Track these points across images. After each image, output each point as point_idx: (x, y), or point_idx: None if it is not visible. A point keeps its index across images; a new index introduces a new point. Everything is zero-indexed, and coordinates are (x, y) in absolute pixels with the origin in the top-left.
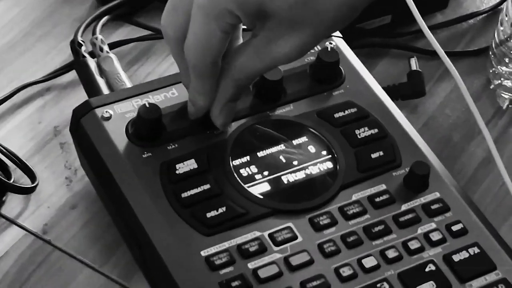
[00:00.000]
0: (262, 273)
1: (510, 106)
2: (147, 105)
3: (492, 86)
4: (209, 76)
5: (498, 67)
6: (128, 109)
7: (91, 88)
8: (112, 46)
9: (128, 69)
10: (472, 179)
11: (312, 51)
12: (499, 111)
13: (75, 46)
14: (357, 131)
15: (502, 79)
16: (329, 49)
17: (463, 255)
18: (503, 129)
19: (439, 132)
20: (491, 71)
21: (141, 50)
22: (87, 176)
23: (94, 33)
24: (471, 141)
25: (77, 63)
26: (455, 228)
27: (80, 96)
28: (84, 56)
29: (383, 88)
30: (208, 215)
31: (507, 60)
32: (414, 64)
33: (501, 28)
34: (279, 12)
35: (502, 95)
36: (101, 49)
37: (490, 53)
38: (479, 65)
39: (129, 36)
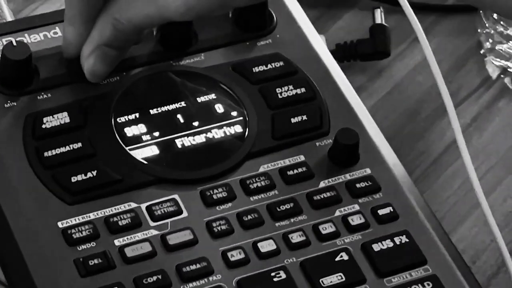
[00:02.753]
0: (130, 252)
1: (501, 76)
2: (14, 44)
3: (482, 51)
4: (81, 1)
5: (491, 27)
6: None
7: None
8: None
9: (24, 7)
10: (436, 163)
11: None
12: (487, 81)
13: None
14: (278, 90)
15: (494, 42)
16: None
17: (386, 244)
18: (487, 103)
19: (404, 103)
20: (484, 32)
21: None
22: None
23: None
24: (443, 118)
25: None
26: (382, 212)
27: None
28: None
29: (338, 45)
30: (74, 179)
31: (502, 20)
32: (378, 16)
33: None
34: None
35: (493, 62)
36: None
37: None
38: (471, 24)
39: None
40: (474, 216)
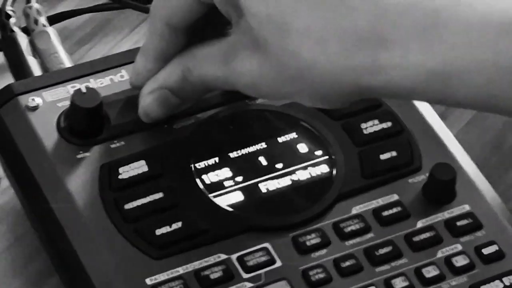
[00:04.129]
0: None
1: None
2: (84, 91)
3: None
4: (160, 38)
5: None
6: (61, 97)
7: (19, 70)
8: (56, 18)
9: (77, 49)
10: None
11: None
12: None
13: (1, 18)
14: (363, 125)
15: None
16: None
17: (495, 285)
18: None
19: (489, 132)
20: None
21: (96, 24)
22: (11, 185)
23: (28, 1)
24: None
25: (4, 40)
26: (487, 251)
27: (6, 83)
28: (13, 31)
29: None
30: (158, 232)
31: None
32: None
33: None
34: (248, 14)
35: None
36: (37, 22)
37: None
38: None
39: (80, 5)
40: None
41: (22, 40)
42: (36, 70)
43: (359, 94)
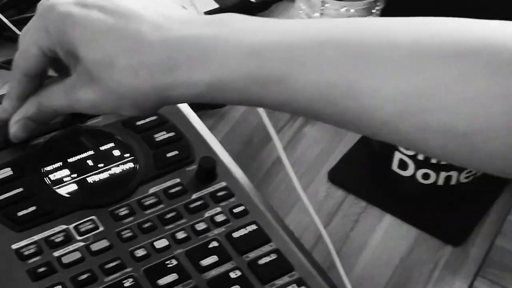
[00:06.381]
0: (65, 259)
1: None
2: None
3: None
4: (19, 84)
5: None
6: None
7: None
8: None
9: None
10: (266, 175)
11: None
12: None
13: None
14: (155, 135)
15: None
16: None
17: (242, 232)
18: (297, 129)
19: (242, 135)
20: None
21: None
22: None
23: None
24: (268, 143)
25: None
26: (236, 210)
27: None
28: None
29: None
30: (19, 213)
31: None
32: None
33: None
34: (85, 60)
35: None
36: None
37: None
38: None
39: None
40: (295, 209)
41: None
42: None
43: (163, 104)
